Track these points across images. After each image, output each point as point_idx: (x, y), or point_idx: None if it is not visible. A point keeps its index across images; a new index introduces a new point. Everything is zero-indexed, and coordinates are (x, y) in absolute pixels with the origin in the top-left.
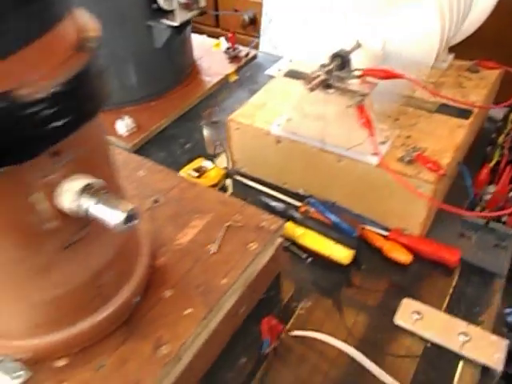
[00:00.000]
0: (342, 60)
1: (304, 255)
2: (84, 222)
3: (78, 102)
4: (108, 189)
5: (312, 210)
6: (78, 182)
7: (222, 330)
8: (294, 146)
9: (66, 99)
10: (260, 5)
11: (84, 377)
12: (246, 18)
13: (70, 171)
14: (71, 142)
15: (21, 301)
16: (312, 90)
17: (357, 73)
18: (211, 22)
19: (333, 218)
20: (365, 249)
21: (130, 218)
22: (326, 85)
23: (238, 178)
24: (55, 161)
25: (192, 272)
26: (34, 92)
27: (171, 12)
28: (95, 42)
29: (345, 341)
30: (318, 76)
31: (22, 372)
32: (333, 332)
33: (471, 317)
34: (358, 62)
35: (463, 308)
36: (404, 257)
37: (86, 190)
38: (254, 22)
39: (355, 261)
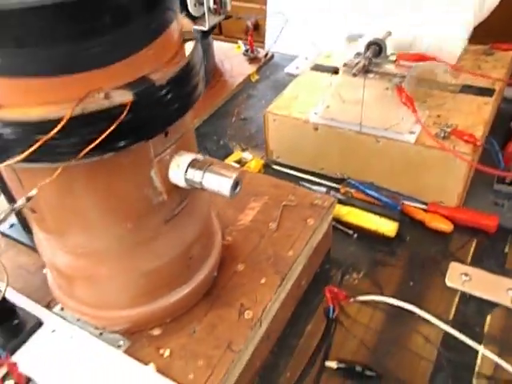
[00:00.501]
0: (377, 47)
1: (351, 232)
2: (182, 198)
3: (191, 85)
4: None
5: (352, 190)
6: (185, 157)
7: (289, 300)
8: (331, 132)
9: (182, 83)
10: (262, 10)
11: (180, 342)
12: (249, 23)
13: (176, 149)
14: (177, 124)
15: (124, 273)
16: (355, 75)
17: (392, 58)
18: (215, 30)
19: (375, 194)
20: (406, 223)
21: (236, 183)
22: (365, 70)
23: (276, 167)
24: (167, 140)
25: (259, 247)
26: (162, 77)
27: (200, 17)
28: (193, 34)
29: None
30: (359, 63)
31: (121, 342)
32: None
33: None
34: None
35: (507, 267)
36: (445, 226)
37: (194, 163)
38: (258, 28)
39: (399, 234)
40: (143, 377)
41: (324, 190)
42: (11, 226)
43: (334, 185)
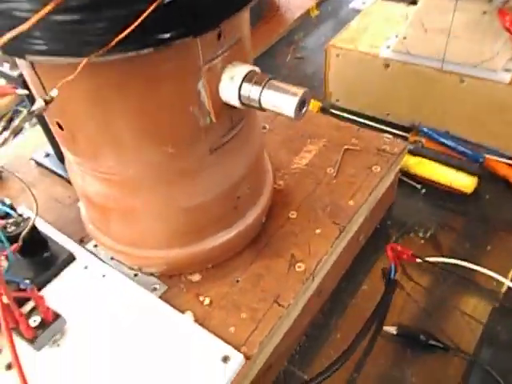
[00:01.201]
0: None
1: (418, 186)
2: (232, 124)
3: None
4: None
5: (423, 139)
6: (241, 68)
7: (345, 255)
8: (405, 70)
9: None
10: None
11: (221, 291)
12: None
13: (230, 58)
14: (233, 24)
15: (162, 207)
16: None
17: None
18: None
19: (452, 144)
20: (487, 179)
21: (302, 103)
22: None
23: (335, 111)
24: (219, 44)
25: (315, 194)
26: None
27: None
28: None
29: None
30: None
31: (157, 285)
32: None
33: None
34: None
35: None
36: None
37: (251, 77)
38: None
39: (476, 191)
40: (178, 325)
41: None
42: (47, 155)
43: (401, 133)
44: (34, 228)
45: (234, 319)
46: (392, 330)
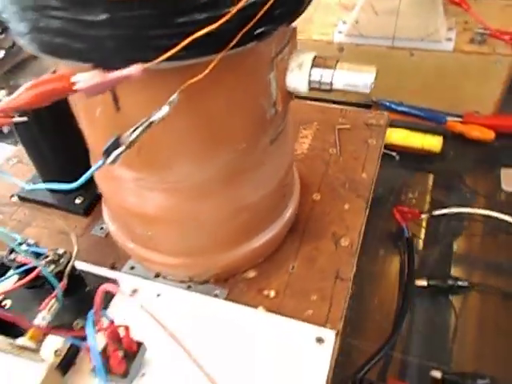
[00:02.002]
0: None
1: (394, 153)
2: (285, 112)
3: None
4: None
5: (385, 112)
6: (307, 56)
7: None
8: (359, 51)
9: None
10: None
11: (282, 280)
12: None
13: (292, 46)
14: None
15: (226, 207)
16: None
17: None
18: None
19: (417, 112)
20: (447, 138)
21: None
22: None
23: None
24: (287, 32)
25: (328, 174)
26: None
27: None
28: None
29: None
30: None
31: (217, 291)
32: None
33: None
34: None
35: None
36: (487, 135)
37: (317, 62)
38: None
39: (442, 150)
40: (260, 321)
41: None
42: (31, 190)
43: (363, 110)
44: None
45: (306, 303)
46: (423, 282)
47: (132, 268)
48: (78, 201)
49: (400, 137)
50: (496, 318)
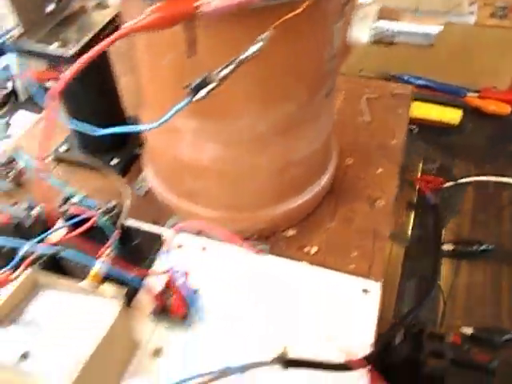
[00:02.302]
0: None
1: (413, 126)
2: (339, 69)
3: None
4: None
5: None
6: (371, 7)
7: None
8: None
9: None
10: None
11: (321, 239)
12: None
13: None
14: None
15: (280, 160)
16: None
17: None
18: None
19: (435, 85)
20: (464, 112)
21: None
22: None
23: None
24: None
25: (359, 139)
26: None
27: None
28: None
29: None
30: None
31: (261, 246)
32: None
33: None
34: None
35: None
36: (503, 109)
37: (382, 12)
38: None
39: (461, 123)
40: (307, 274)
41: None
42: (67, 150)
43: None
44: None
45: (348, 259)
46: (449, 246)
47: (175, 224)
48: (114, 161)
49: (419, 110)
50: None
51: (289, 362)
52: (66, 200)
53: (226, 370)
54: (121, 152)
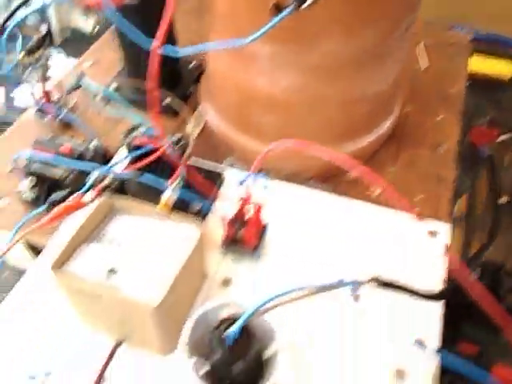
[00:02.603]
0: None
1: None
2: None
3: None
4: None
5: None
6: None
7: None
8: None
9: None
10: None
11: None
12: None
13: None
14: None
15: (357, 93)
16: None
17: None
18: None
19: (491, 37)
20: None
21: None
22: None
23: None
24: None
25: (417, 86)
26: None
27: None
28: None
29: None
30: None
31: (323, 186)
32: None
33: None
34: None
35: None
36: None
37: None
38: None
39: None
40: (369, 214)
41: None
42: (117, 89)
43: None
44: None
45: (412, 202)
46: (503, 199)
47: (232, 165)
48: (166, 101)
49: (472, 62)
50: None
51: (384, 283)
52: (130, 131)
53: (339, 282)
54: (173, 92)
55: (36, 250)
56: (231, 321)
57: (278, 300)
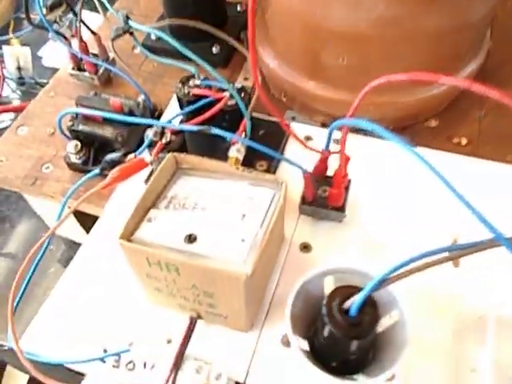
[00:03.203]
0: None
1: None
2: None
3: None
4: None
5: None
6: None
7: None
8: None
9: None
10: None
11: (472, 128)
12: None
13: None
14: None
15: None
16: None
17: None
18: None
19: None
20: None
21: None
22: None
23: None
24: None
25: (498, 20)
26: None
27: None
28: None
29: None
30: None
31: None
32: None
33: None
34: None
35: None
36: None
37: None
38: None
39: None
40: (458, 165)
41: None
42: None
43: None
44: None
45: (506, 148)
46: None
47: (293, 118)
48: (214, 50)
49: None
50: None
51: None
52: (185, 82)
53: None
54: (221, 38)
55: (81, 218)
56: (352, 290)
57: (410, 266)
